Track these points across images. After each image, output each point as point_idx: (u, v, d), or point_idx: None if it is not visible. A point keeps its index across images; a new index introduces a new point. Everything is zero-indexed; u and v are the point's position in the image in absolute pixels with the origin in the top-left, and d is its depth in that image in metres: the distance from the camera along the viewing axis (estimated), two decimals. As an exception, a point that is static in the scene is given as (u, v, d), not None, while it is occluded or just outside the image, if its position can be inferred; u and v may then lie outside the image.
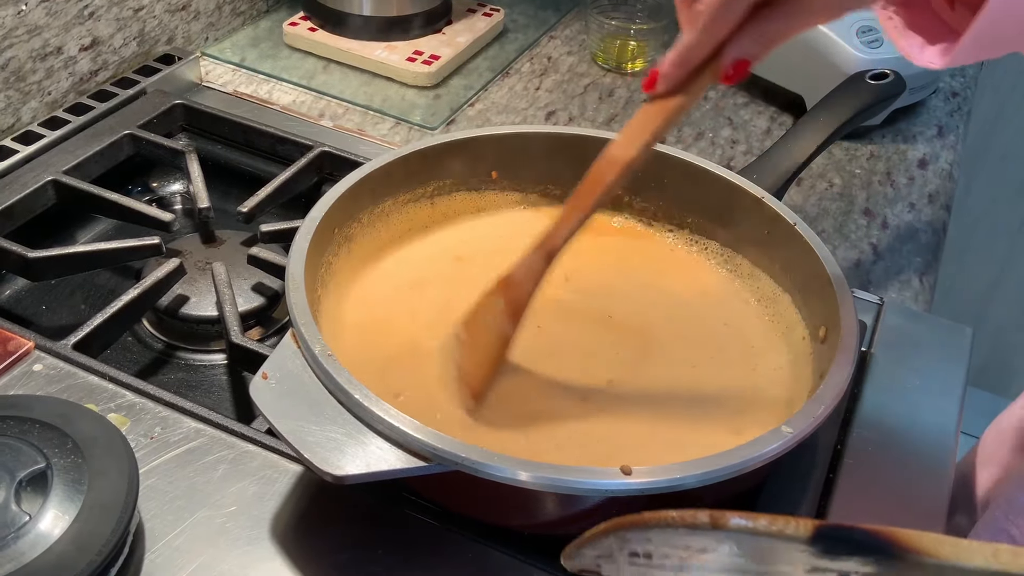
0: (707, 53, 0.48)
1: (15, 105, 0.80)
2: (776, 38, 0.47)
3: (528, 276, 0.53)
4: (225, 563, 0.49)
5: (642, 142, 0.50)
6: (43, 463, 0.46)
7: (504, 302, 0.54)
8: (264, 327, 0.71)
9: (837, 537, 0.34)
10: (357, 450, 0.45)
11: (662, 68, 0.49)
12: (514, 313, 0.54)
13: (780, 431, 0.47)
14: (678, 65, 0.49)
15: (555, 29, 1.09)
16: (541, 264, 0.53)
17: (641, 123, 0.50)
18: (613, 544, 0.37)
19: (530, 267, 0.53)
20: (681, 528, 0.35)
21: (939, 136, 0.96)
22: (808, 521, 0.34)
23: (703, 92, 0.51)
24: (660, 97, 0.50)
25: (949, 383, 0.64)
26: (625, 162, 0.50)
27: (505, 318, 0.54)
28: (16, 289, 0.73)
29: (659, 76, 0.49)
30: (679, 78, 0.49)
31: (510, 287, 0.54)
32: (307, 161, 0.78)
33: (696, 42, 0.47)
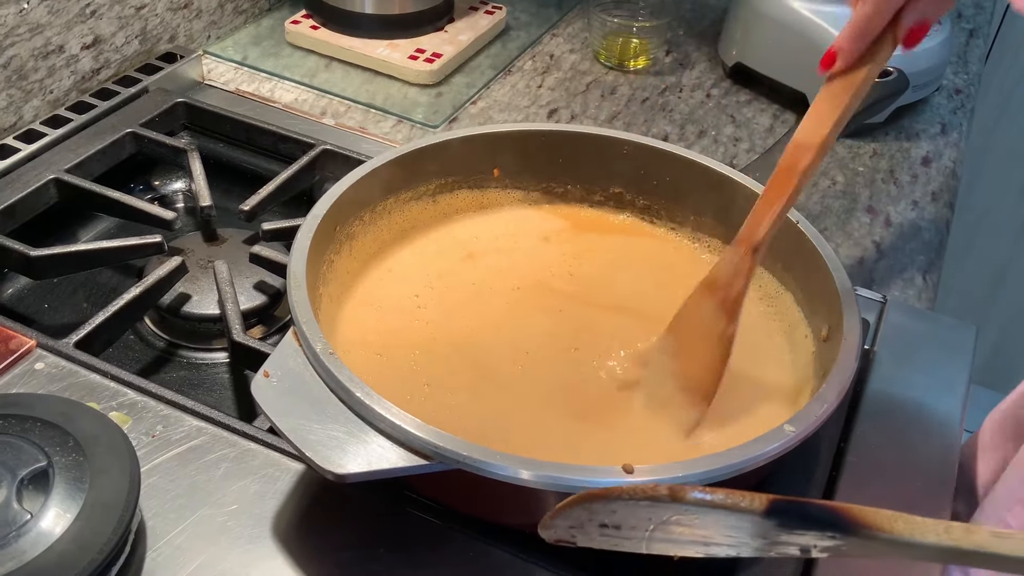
0: (885, 22, 0.48)
1: (17, 103, 0.80)
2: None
3: (737, 273, 0.53)
4: (226, 561, 0.48)
5: (832, 121, 0.50)
6: (45, 462, 0.46)
7: (716, 303, 0.54)
8: (266, 325, 0.71)
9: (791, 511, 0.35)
10: (359, 448, 0.45)
11: (839, 44, 0.49)
12: (730, 311, 0.54)
13: (782, 430, 0.47)
14: (856, 39, 0.49)
15: (557, 27, 1.09)
16: (749, 259, 0.53)
17: (826, 104, 0.50)
18: (582, 515, 0.38)
19: (737, 265, 0.53)
20: (643, 500, 0.36)
21: (942, 134, 0.95)
22: (763, 496, 0.35)
23: (886, 61, 0.51)
24: (839, 74, 0.50)
25: (952, 381, 0.64)
26: (817, 144, 0.51)
27: (722, 318, 0.54)
28: (18, 287, 0.73)
29: (836, 52, 0.50)
30: (859, 51, 0.49)
31: (718, 288, 0.54)
32: (309, 159, 0.78)
33: (874, 12, 0.48)
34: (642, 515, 0.37)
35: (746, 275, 0.53)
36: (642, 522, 0.38)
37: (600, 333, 0.60)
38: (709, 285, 0.55)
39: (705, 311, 0.55)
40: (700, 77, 1.02)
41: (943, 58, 0.96)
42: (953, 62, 1.08)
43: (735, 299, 0.54)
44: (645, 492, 0.36)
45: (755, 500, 0.35)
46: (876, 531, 0.34)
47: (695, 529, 0.37)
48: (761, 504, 0.35)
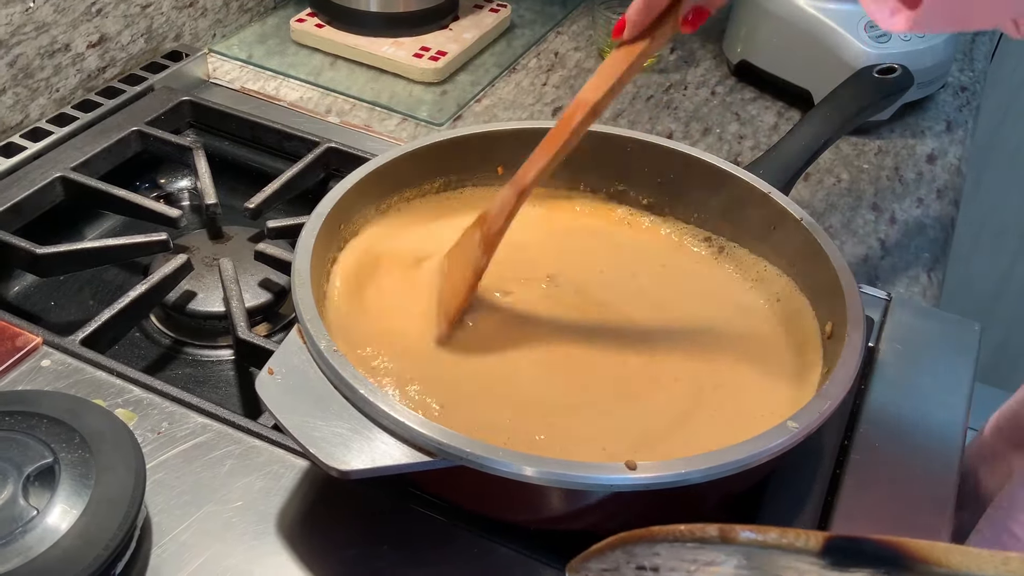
0: (666, 2, 0.53)
1: (23, 102, 0.80)
2: None
3: (501, 211, 0.57)
4: (231, 558, 0.49)
5: (608, 86, 0.54)
6: (51, 458, 0.46)
7: (479, 235, 0.58)
8: (271, 323, 0.71)
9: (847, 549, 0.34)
10: (362, 445, 0.45)
11: (628, 14, 0.54)
12: (488, 245, 0.58)
13: (786, 426, 0.47)
14: (641, 12, 0.53)
15: (562, 25, 1.09)
16: (513, 200, 0.57)
17: (609, 68, 0.55)
18: (620, 558, 0.37)
19: (503, 203, 0.57)
20: (690, 542, 0.35)
21: (948, 131, 0.95)
22: (818, 534, 0.34)
23: (666, 39, 0.56)
24: (627, 43, 0.54)
25: (957, 379, 0.64)
26: (591, 103, 0.54)
27: (479, 250, 0.58)
28: (25, 285, 0.74)
29: (626, 23, 0.54)
30: (643, 24, 0.54)
31: (485, 222, 0.58)
32: (314, 157, 0.79)
33: None
34: (686, 556, 0.36)
35: (509, 214, 0.57)
36: (684, 564, 0.36)
37: (603, 330, 0.60)
38: (480, 219, 0.58)
39: (472, 241, 0.58)
40: (705, 75, 1.02)
41: (948, 55, 0.96)
42: (959, 59, 1.08)
43: (495, 234, 0.58)
44: (693, 533, 0.35)
45: (811, 539, 0.33)
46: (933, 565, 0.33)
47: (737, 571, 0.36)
48: (817, 543, 0.33)
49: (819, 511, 0.55)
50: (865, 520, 0.54)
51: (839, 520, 0.54)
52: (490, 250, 0.58)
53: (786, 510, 0.55)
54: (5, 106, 0.78)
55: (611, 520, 0.50)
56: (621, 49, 0.55)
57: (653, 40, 0.54)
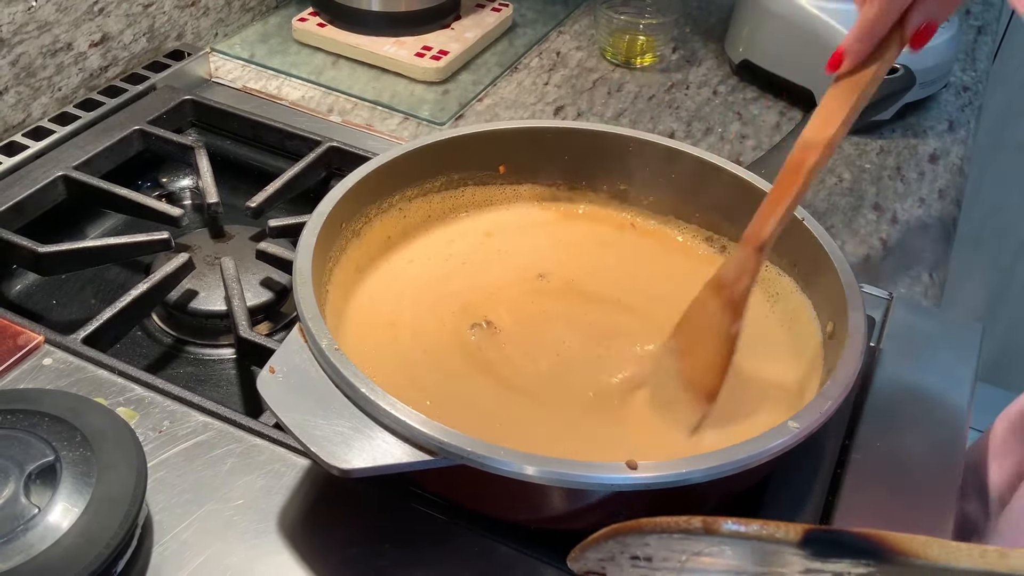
0: (892, 22, 0.49)
1: (25, 101, 0.80)
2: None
3: (742, 272, 0.53)
4: (233, 556, 0.49)
5: (839, 120, 0.51)
6: (52, 456, 0.46)
7: (721, 302, 0.54)
8: (272, 322, 0.71)
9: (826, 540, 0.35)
10: (364, 444, 0.45)
11: (846, 44, 0.50)
12: (735, 310, 0.54)
13: (787, 426, 0.47)
14: (863, 39, 0.49)
15: (564, 24, 1.09)
16: (753, 258, 0.53)
17: (834, 101, 0.51)
18: (614, 548, 0.38)
19: (742, 263, 0.53)
20: (676, 533, 0.36)
21: (950, 131, 0.95)
22: (797, 526, 0.35)
23: (893, 61, 0.51)
24: (846, 74, 0.51)
25: (958, 379, 0.64)
26: (824, 142, 0.51)
27: (727, 316, 0.54)
28: (26, 284, 0.74)
29: (844, 53, 0.50)
30: (865, 52, 0.50)
31: (724, 287, 0.54)
32: (316, 156, 0.79)
33: (881, 12, 0.48)
34: (675, 547, 0.37)
35: (752, 273, 0.54)
36: (675, 554, 0.37)
37: (606, 330, 0.60)
38: (715, 285, 0.55)
39: (711, 310, 0.55)
40: (707, 74, 1.02)
41: (951, 55, 0.96)
42: (961, 59, 1.08)
43: (740, 297, 0.54)
44: (679, 525, 0.36)
45: (790, 530, 0.35)
46: (911, 557, 0.34)
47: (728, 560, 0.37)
48: (796, 534, 0.35)
49: (820, 510, 0.55)
50: (866, 519, 0.54)
51: (840, 519, 0.54)
52: (739, 314, 0.54)
53: (787, 509, 0.55)
54: (7, 105, 0.78)
55: (612, 519, 0.50)
56: (843, 82, 0.51)
57: (879, 65, 0.50)
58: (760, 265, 0.54)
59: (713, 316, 0.55)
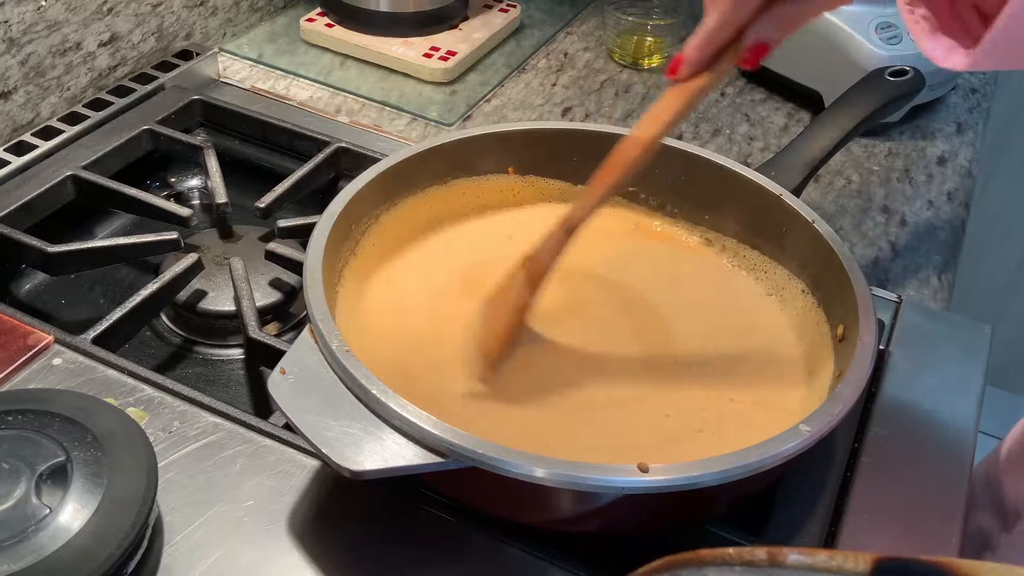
0: (729, 36, 0.50)
1: (35, 100, 0.80)
2: (795, 22, 0.50)
3: (549, 250, 0.56)
4: (243, 557, 0.49)
5: (663, 123, 0.52)
6: (63, 456, 0.46)
7: (525, 274, 0.56)
8: (281, 322, 0.71)
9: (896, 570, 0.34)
10: (374, 445, 0.45)
11: (685, 52, 0.51)
12: (533, 284, 0.56)
13: (798, 430, 0.47)
14: (701, 48, 0.50)
15: (572, 25, 1.09)
16: (562, 238, 0.55)
17: (664, 106, 0.53)
18: None
19: (552, 242, 0.55)
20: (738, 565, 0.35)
21: (958, 133, 0.95)
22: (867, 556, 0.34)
23: (724, 75, 0.53)
24: (683, 81, 0.52)
25: (967, 382, 0.64)
26: (645, 141, 0.53)
27: (524, 289, 0.56)
28: (36, 284, 0.74)
29: (682, 60, 0.51)
30: (702, 61, 0.51)
31: (531, 261, 0.56)
32: (324, 157, 0.79)
33: (719, 24, 0.49)
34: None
35: (556, 252, 0.56)
36: None
37: (611, 332, 0.60)
38: (527, 258, 0.57)
39: (516, 282, 0.57)
40: (715, 76, 1.01)
41: (959, 57, 0.96)
42: (969, 61, 1.08)
43: (541, 272, 0.56)
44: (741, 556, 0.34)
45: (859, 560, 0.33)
46: None
47: None
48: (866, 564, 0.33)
49: (830, 514, 0.55)
50: (875, 523, 0.54)
51: (850, 522, 0.54)
52: (535, 288, 0.56)
53: (797, 512, 0.55)
54: (16, 104, 0.78)
55: (622, 522, 0.51)
56: (676, 87, 0.52)
57: (711, 76, 0.51)
58: (565, 245, 0.56)
59: (516, 288, 0.57)
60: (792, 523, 0.54)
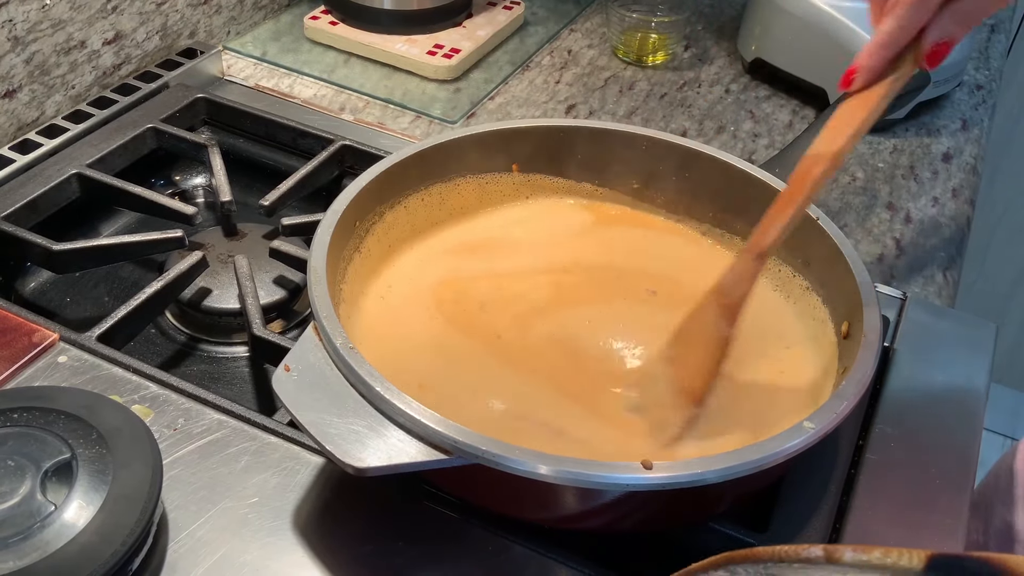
0: (909, 39, 0.48)
1: (39, 99, 0.80)
2: (976, 16, 0.47)
3: (741, 279, 0.54)
4: (247, 554, 0.49)
5: (847, 135, 0.50)
6: (68, 454, 0.46)
7: (719, 308, 0.54)
8: (286, 320, 0.72)
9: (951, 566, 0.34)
10: (378, 442, 0.45)
11: (860, 60, 0.49)
12: (731, 316, 0.54)
13: (802, 427, 0.47)
14: (878, 55, 0.49)
15: (575, 22, 1.09)
16: (753, 266, 0.53)
17: (844, 118, 0.50)
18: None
19: (743, 271, 0.54)
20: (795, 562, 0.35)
21: (963, 130, 0.95)
22: (920, 552, 0.34)
23: (905, 80, 0.51)
24: (857, 91, 0.50)
25: (972, 379, 0.64)
26: (831, 155, 0.50)
27: (722, 322, 0.54)
28: (41, 281, 0.74)
29: (857, 70, 0.49)
30: (880, 68, 0.49)
31: (723, 294, 0.54)
32: (328, 155, 0.79)
33: (897, 30, 0.48)
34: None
35: (750, 280, 0.54)
36: None
37: (614, 328, 0.60)
38: (716, 291, 0.55)
39: (709, 315, 0.55)
40: (719, 72, 1.01)
41: (964, 54, 0.96)
42: (974, 58, 1.07)
43: (737, 303, 0.54)
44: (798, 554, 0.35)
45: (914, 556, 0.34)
46: None
47: None
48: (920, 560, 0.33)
49: (834, 510, 0.55)
50: (880, 520, 0.54)
51: (854, 519, 0.54)
52: (734, 319, 0.54)
53: (802, 509, 0.55)
54: (21, 103, 0.79)
55: (626, 519, 0.51)
56: (854, 98, 0.50)
57: (892, 82, 0.49)
58: (759, 273, 0.54)
59: (710, 321, 0.55)
60: (797, 520, 0.54)
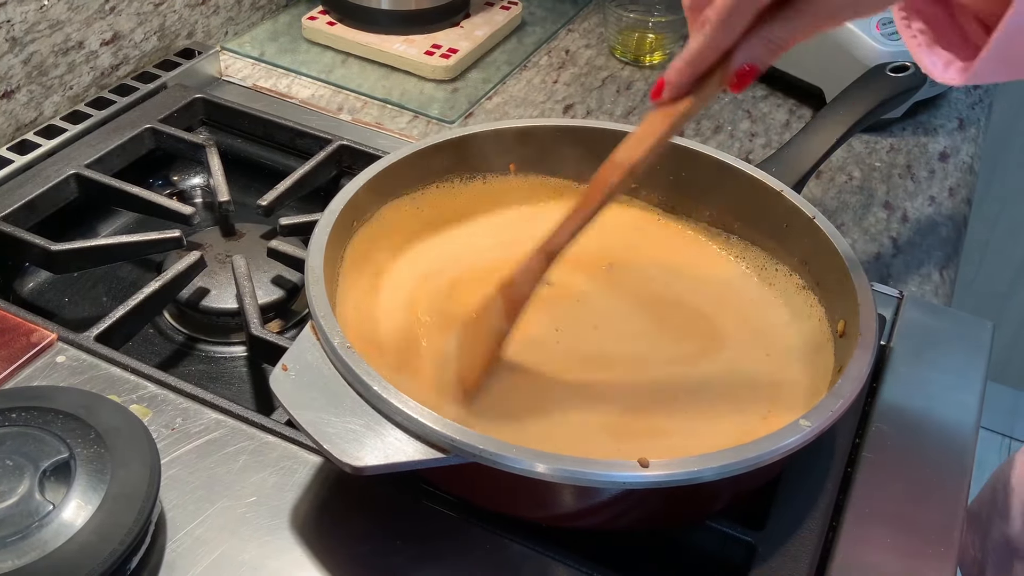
0: (715, 59, 0.48)
1: (37, 99, 0.80)
2: (784, 43, 0.47)
3: (527, 277, 0.54)
4: (245, 553, 0.49)
5: (646, 147, 0.50)
6: (66, 453, 0.46)
7: (502, 301, 0.54)
8: (284, 319, 0.72)
9: None
10: (376, 441, 0.46)
11: (668, 75, 0.49)
12: (510, 312, 0.54)
13: (798, 425, 0.47)
14: (684, 72, 0.49)
15: (573, 22, 1.09)
16: (541, 265, 0.53)
17: (646, 129, 0.51)
18: None
19: (530, 268, 0.54)
20: None
21: (960, 129, 0.95)
22: None
23: (710, 99, 0.51)
24: (666, 104, 0.50)
25: (969, 377, 0.64)
26: (628, 166, 0.51)
27: (502, 317, 0.55)
28: (39, 281, 0.74)
29: (665, 84, 0.50)
30: (686, 85, 0.49)
31: (509, 287, 0.54)
32: (326, 155, 0.79)
33: (704, 47, 0.47)
34: None
35: (536, 279, 0.54)
36: None
37: (611, 328, 0.60)
38: (505, 282, 0.55)
39: (494, 307, 0.55)
40: (716, 72, 1.01)
41: (961, 53, 0.96)
42: (971, 57, 1.07)
43: (520, 299, 0.54)
44: None
45: None
46: None
47: None
48: None
49: (831, 509, 0.55)
50: (877, 518, 0.54)
51: (851, 518, 0.54)
52: (513, 316, 0.54)
53: (798, 508, 0.55)
54: (19, 103, 0.79)
55: (623, 517, 0.51)
56: (659, 111, 0.50)
57: (696, 100, 0.49)
58: (545, 272, 0.54)
59: (494, 314, 0.55)
60: (793, 518, 0.54)
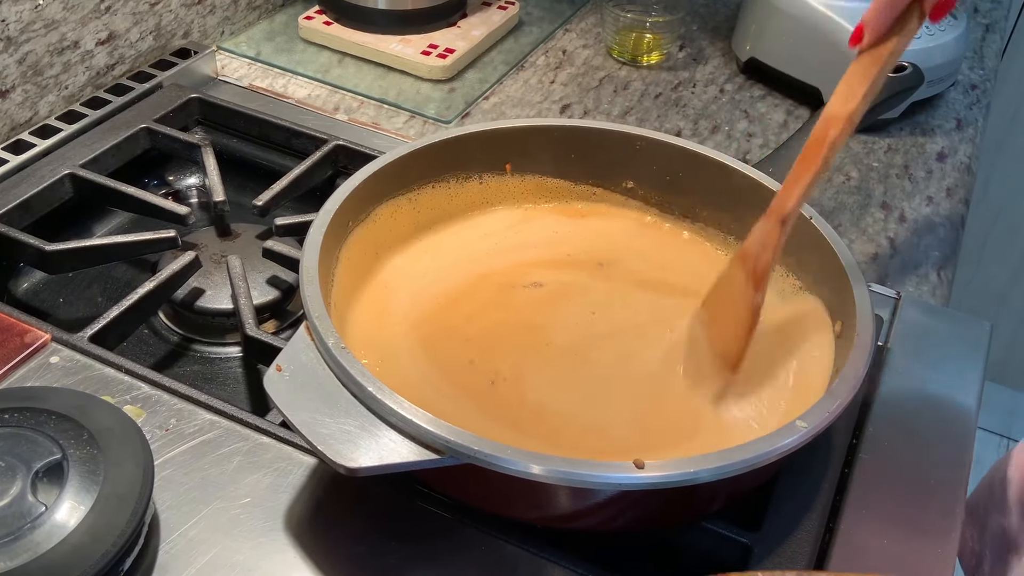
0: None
1: (32, 99, 0.80)
2: None
3: (765, 244, 0.54)
4: (239, 554, 0.49)
5: (860, 93, 0.50)
6: (59, 454, 0.46)
7: (744, 274, 0.55)
8: (279, 320, 0.71)
9: None
10: (370, 442, 0.45)
11: (867, 17, 0.49)
12: (758, 282, 0.55)
13: (794, 425, 0.47)
14: (884, 12, 0.49)
15: (570, 22, 1.09)
16: (776, 230, 0.54)
17: (855, 76, 0.51)
18: None
19: (766, 235, 0.54)
20: None
21: (958, 129, 0.95)
22: None
23: (913, 35, 0.51)
24: (867, 49, 0.50)
25: (967, 378, 0.64)
26: (846, 116, 0.51)
27: (750, 288, 0.55)
28: (33, 282, 0.74)
29: (864, 27, 0.50)
30: (884, 26, 0.49)
31: (747, 259, 0.55)
32: (322, 154, 0.79)
33: None
34: None
35: (775, 245, 0.54)
36: None
37: (610, 328, 0.60)
38: (740, 257, 0.56)
39: (736, 282, 0.56)
40: (713, 72, 1.01)
41: (959, 53, 0.96)
42: (969, 57, 1.08)
43: (763, 269, 0.55)
44: None
45: None
46: None
47: None
48: None
49: (828, 510, 0.55)
50: (874, 519, 0.54)
51: (848, 519, 0.54)
52: (762, 285, 0.54)
53: (795, 509, 0.55)
54: (14, 103, 0.78)
55: (619, 519, 0.51)
56: (865, 56, 0.50)
57: (900, 39, 0.49)
58: (783, 237, 0.54)
59: (737, 288, 0.56)
60: (789, 519, 0.54)
